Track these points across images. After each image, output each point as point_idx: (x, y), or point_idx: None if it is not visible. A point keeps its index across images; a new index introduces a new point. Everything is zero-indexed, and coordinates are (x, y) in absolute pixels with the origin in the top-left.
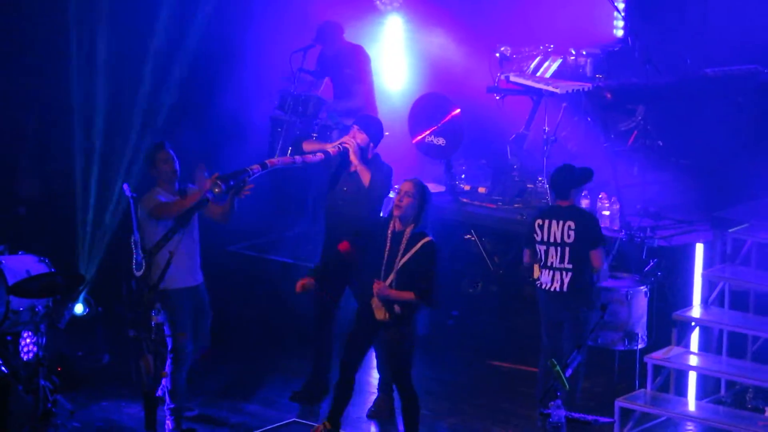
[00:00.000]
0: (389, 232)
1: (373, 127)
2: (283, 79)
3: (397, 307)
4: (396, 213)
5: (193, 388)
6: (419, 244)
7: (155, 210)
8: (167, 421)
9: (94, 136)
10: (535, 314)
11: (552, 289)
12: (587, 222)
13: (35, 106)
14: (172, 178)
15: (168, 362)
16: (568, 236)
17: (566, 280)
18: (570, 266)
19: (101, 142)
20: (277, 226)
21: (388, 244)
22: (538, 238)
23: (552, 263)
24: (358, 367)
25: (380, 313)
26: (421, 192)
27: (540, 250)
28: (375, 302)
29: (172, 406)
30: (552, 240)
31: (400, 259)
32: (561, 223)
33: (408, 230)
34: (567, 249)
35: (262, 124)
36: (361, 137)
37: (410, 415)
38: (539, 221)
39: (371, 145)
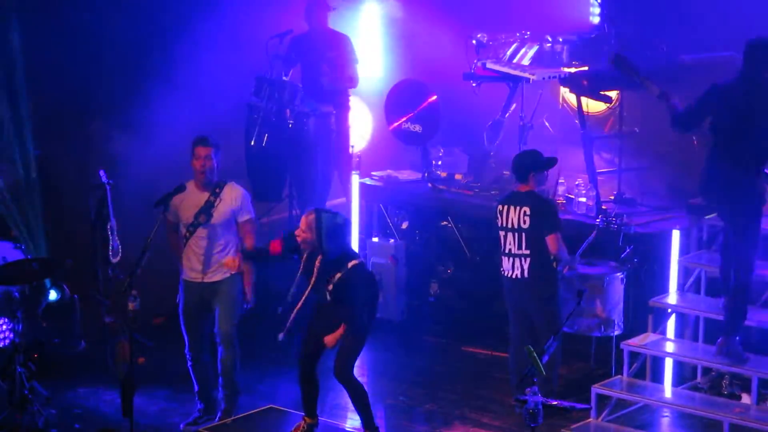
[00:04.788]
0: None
1: None
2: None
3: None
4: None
5: (169, 374)
6: (337, 276)
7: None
8: None
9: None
10: None
11: (513, 276)
12: (542, 207)
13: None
14: (199, 177)
15: None
16: (524, 222)
17: (525, 267)
18: (527, 252)
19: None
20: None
21: (315, 272)
22: (499, 224)
23: (510, 249)
24: (315, 360)
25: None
26: (316, 225)
27: (500, 236)
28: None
29: None
30: (510, 226)
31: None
32: (518, 208)
33: (318, 260)
34: (524, 235)
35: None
36: None
37: (362, 403)
38: (500, 207)
39: None
